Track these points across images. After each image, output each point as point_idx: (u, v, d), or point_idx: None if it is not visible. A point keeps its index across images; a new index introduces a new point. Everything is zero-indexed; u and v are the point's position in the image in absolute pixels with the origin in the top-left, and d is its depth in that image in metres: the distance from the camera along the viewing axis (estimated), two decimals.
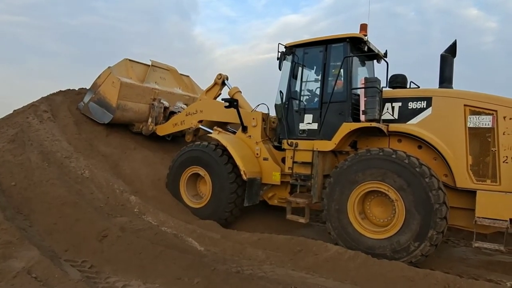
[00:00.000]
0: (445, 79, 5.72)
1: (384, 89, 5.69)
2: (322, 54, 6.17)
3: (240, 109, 7.02)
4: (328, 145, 5.76)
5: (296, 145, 6.18)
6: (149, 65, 8.94)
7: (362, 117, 5.52)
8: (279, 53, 6.47)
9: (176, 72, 9.71)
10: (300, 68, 6.43)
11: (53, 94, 8.53)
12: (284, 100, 6.49)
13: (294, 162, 6.16)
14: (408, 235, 4.84)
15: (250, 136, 6.94)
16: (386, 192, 5.07)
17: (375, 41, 6.30)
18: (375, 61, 6.87)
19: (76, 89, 9.03)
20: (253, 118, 6.93)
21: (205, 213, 6.62)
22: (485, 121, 4.98)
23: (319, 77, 6.31)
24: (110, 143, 8.08)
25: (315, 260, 4.67)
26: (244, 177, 6.31)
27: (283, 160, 6.55)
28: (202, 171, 6.82)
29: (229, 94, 8.03)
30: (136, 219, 5.57)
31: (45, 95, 8.34)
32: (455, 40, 5.80)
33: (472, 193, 4.97)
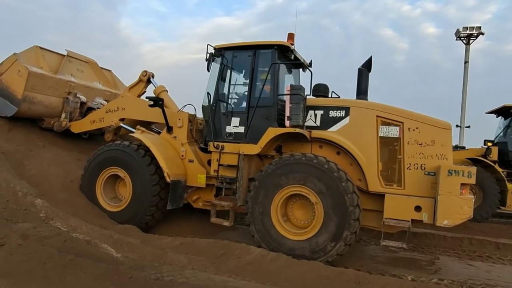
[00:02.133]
0: (361, 91, 6.17)
1: (308, 97, 5.91)
2: (251, 58, 6.23)
3: (165, 109, 6.75)
4: (253, 149, 5.82)
5: (222, 147, 6.14)
6: (64, 55, 8.17)
7: (287, 123, 5.66)
8: (208, 54, 6.37)
9: (96, 65, 9.02)
10: (228, 71, 6.40)
11: None
12: (211, 102, 6.40)
13: (219, 165, 6.12)
14: (325, 236, 5.13)
15: (175, 137, 6.74)
16: (307, 196, 5.28)
17: (303, 50, 6.63)
18: (301, 69, 7.13)
19: None
20: (179, 119, 6.75)
21: (124, 217, 6.25)
22: (393, 131, 5.46)
23: (247, 81, 6.35)
24: (13, 139, 7.19)
25: (238, 263, 4.66)
26: (168, 179, 6.08)
27: (209, 162, 6.45)
28: (122, 173, 6.42)
29: (154, 93, 7.69)
30: (41, 225, 4.98)
31: None
32: (371, 56, 6.33)
33: (381, 196, 5.41)
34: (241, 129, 6.14)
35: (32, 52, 7.59)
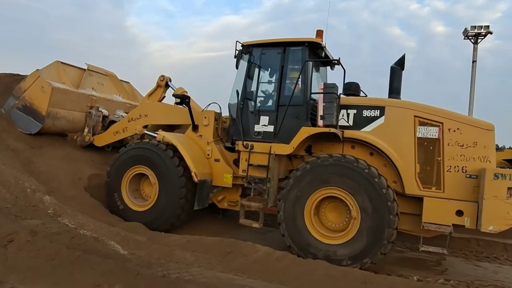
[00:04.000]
0: (394, 90, 5.96)
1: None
2: (280, 56, 6.06)
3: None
4: (286, 149, 5.66)
5: (252, 147, 5.97)
6: (84, 69, 8.12)
7: (320, 122, 5.49)
8: (237, 51, 6.21)
9: (116, 78, 9.02)
10: (256, 69, 6.25)
11: None
12: (239, 100, 6.25)
13: (249, 165, 5.96)
14: (360, 242, 4.94)
15: (201, 135, 6.61)
16: (344, 199, 5.11)
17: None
18: (328, 67, 6.90)
19: None
20: (205, 117, 6.61)
21: (149, 217, 6.16)
22: (432, 132, 5.26)
23: (276, 79, 6.20)
24: (23, 137, 7.24)
25: (245, 262, 4.67)
26: (195, 179, 5.97)
27: (235, 161, 6.35)
28: (148, 172, 6.29)
29: (173, 95, 7.46)
30: (50, 222, 5.03)
31: None
32: (404, 54, 6.06)
33: (418, 200, 5.24)
34: (270, 128, 5.98)
35: (53, 68, 7.54)
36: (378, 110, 5.54)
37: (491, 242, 7.17)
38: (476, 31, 23.02)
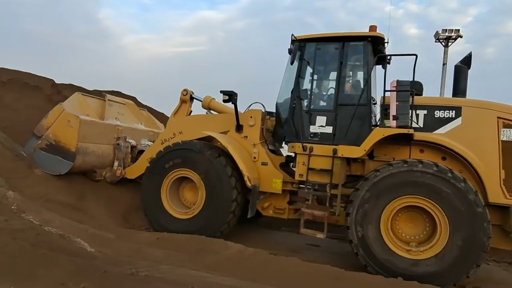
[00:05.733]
0: (460, 90, 5.61)
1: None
2: (338, 51, 5.65)
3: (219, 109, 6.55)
4: (356, 152, 5.24)
5: (311, 149, 5.52)
6: (104, 100, 7.76)
7: (393, 123, 5.08)
8: (293, 46, 5.71)
9: (134, 106, 8.71)
10: (310, 65, 5.84)
11: None
12: (291, 99, 5.83)
13: (309, 169, 5.49)
14: (455, 252, 4.57)
15: (246, 136, 6.19)
16: (428, 209, 4.74)
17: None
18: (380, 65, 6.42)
19: None
20: (251, 117, 6.20)
21: (196, 224, 5.71)
22: None
23: (333, 77, 5.78)
24: None
25: (216, 259, 4.64)
26: (249, 184, 5.59)
27: (281, 165, 6.06)
28: (193, 175, 5.85)
29: (204, 106, 7.21)
30: (13, 218, 4.80)
31: None
32: (470, 52, 5.72)
33: (502, 209, 4.90)
34: (329, 129, 5.56)
35: (75, 100, 7.11)
36: (454, 111, 5.13)
37: None
38: (447, 34, 23.90)
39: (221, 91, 6.12)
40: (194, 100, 7.32)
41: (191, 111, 7.35)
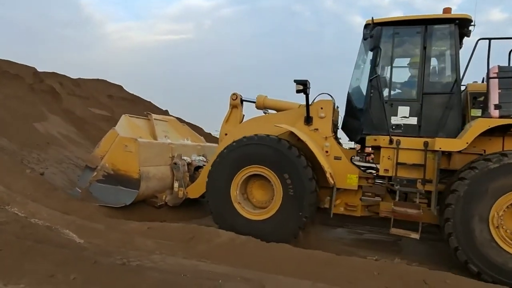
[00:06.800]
0: None
1: (476, 83, 5.24)
2: (421, 36, 5.34)
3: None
4: (457, 144, 4.83)
5: (399, 142, 5.19)
6: (148, 119, 7.49)
7: (495, 112, 4.73)
8: (373, 30, 5.28)
9: (176, 122, 8.50)
10: (388, 51, 5.49)
11: None
12: (367, 88, 5.50)
13: (397, 164, 5.20)
14: None
15: (316, 129, 5.77)
16: None
17: (278, 35, 6.15)
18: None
19: None
20: (321, 108, 5.76)
21: (271, 226, 5.25)
22: None
23: (415, 63, 5.47)
24: None
25: (208, 247, 4.62)
26: (332, 182, 5.24)
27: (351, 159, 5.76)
28: (269, 173, 5.36)
29: (258, 107, 6.73)
30: None
31: None
32: None
33: None
34: (413, 120, 5.24)
35: (125, 123, 6.72)
36: None
37: None
38: None
39: (294, 81, 5.55)
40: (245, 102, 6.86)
41: (243, 115, 6.90)
